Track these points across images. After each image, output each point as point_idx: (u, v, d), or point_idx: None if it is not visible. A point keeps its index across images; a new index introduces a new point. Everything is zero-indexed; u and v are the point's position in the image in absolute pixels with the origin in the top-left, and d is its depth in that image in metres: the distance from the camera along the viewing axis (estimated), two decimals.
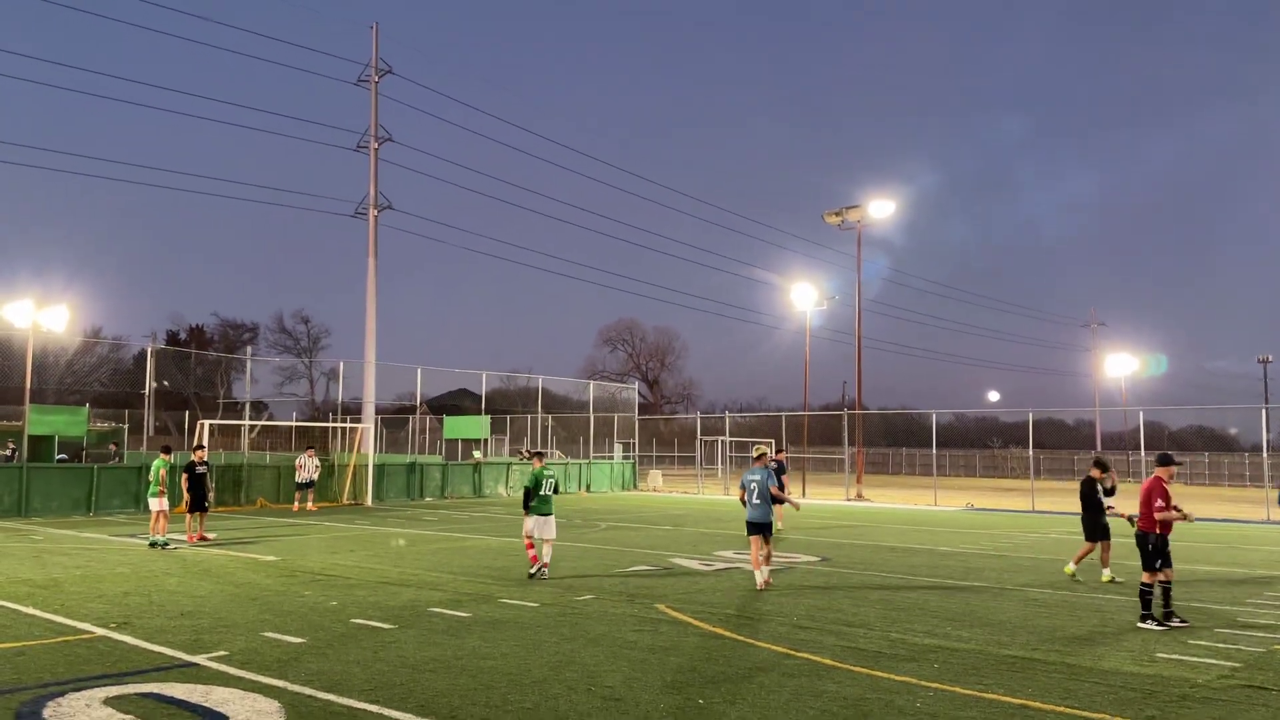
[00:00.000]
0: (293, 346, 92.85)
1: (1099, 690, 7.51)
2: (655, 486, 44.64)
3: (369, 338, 35.43)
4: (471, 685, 7.38)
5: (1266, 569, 15.83)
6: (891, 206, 44.06)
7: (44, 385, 42.63)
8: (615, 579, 13.48)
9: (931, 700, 7.17)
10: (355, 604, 11.11)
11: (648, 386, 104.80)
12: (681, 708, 6.83)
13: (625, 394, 50.69)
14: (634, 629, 9.77)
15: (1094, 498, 14.08)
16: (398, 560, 15.44)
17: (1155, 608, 10.39)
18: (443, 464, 36.10)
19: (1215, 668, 8.34)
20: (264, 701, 6.86)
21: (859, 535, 21.54)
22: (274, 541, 18.23)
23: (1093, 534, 14.05)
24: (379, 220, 36.00)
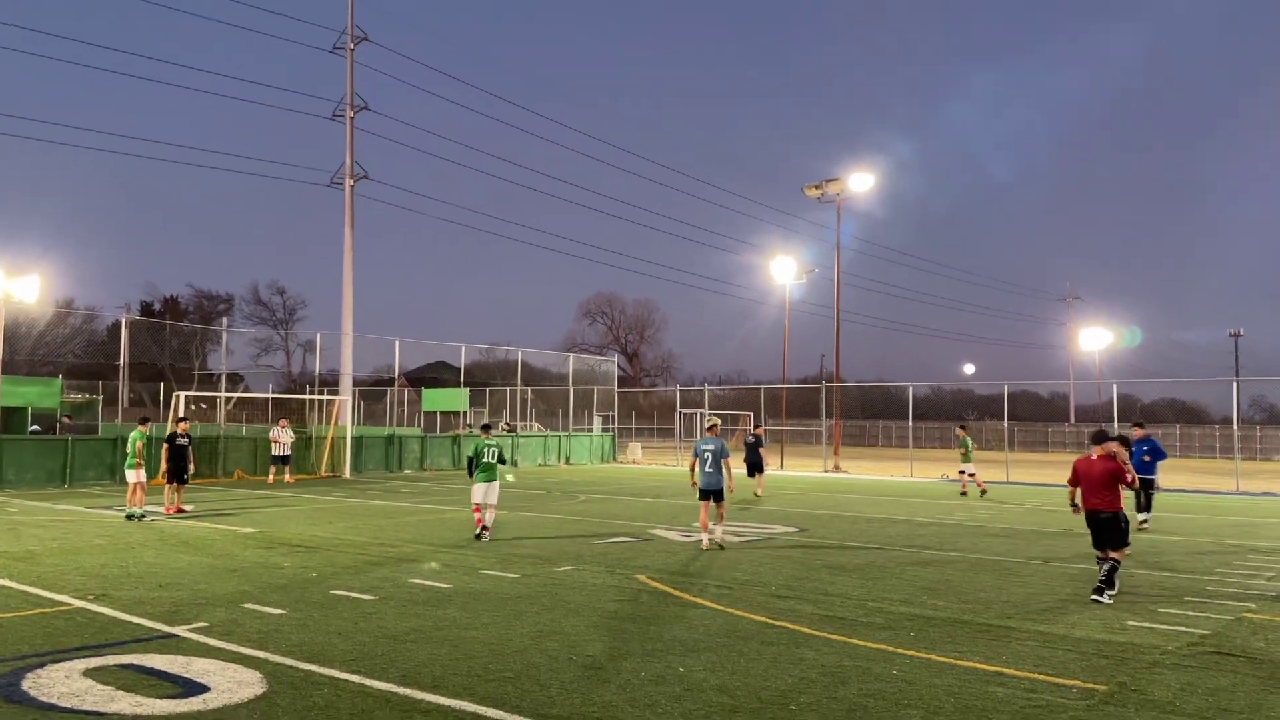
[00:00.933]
0: (269, 318, 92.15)
1: (1071, 657, 7.64)
2: (635, 459, 44.77)
3: (346, 309, 35.16)
4: (453, 655, 7.41)
5: (1236, 539, 16.11)
6: (871, 180, 44.11)
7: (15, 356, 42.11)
8: (595, 550, 13.55)
9: (908, 667, 7.28)
10: (335, 575, 11.11)
11: (627, 360, 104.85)
12: (662, 676, 6.90)
13: (605, 367, 50.70)
14: (614, 599, 9.84)
15: None
16: (377, 533, 15.44)
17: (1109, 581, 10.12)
18: (421, 436, 36.06)
19: (1185, 635, 8.50)
20: (245, 672, 6.87)
21: (836, 506, 21.72)
22: (252, 513, 18.17)
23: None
24: (356, 190, 35.63)
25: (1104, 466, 10.26)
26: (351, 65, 35.80)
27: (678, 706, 6.18)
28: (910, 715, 6.09)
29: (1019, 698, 6.49)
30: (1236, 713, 6.21)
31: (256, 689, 6.46)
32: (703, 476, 13.94)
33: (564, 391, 45.11)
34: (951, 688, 6.72)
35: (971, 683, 6.86)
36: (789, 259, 47.04)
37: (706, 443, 14.09)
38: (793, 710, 6.15)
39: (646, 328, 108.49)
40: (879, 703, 6.34)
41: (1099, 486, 10.25)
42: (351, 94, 35.73)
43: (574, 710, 6.08)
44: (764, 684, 6.74)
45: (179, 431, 18.42)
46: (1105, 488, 10.23)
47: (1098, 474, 10.27)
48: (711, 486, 13.90)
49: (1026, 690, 6.67)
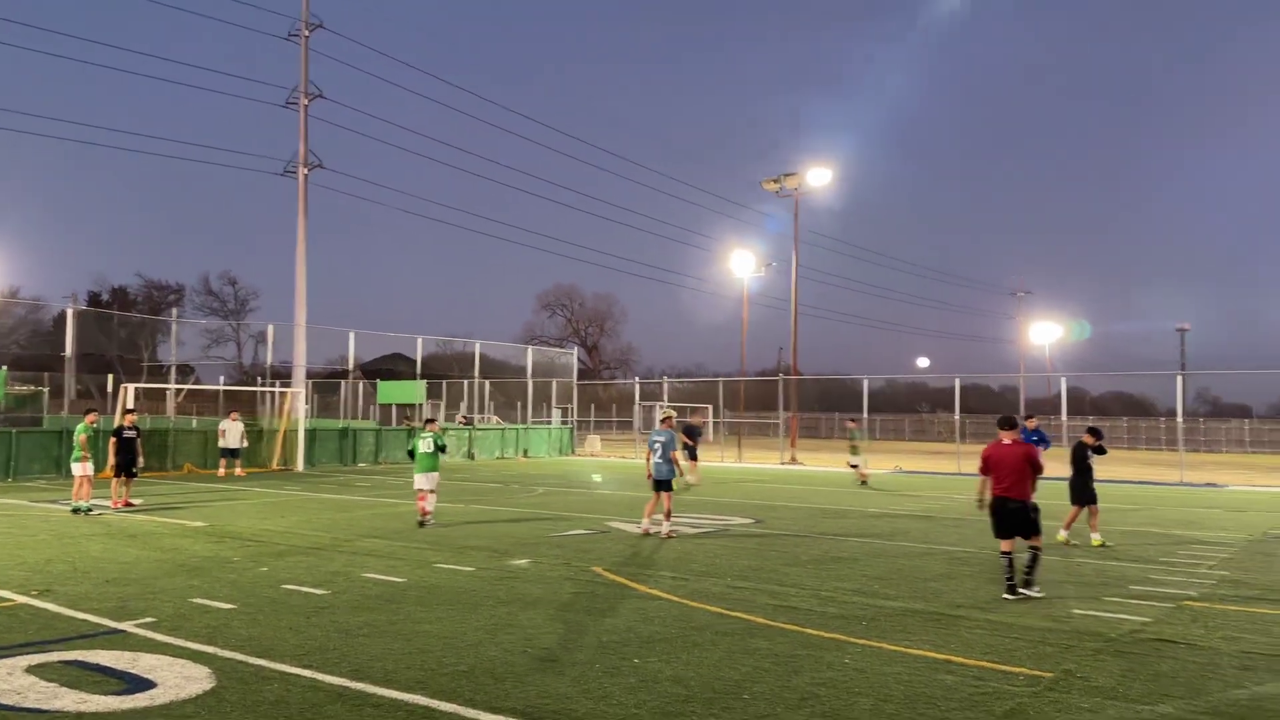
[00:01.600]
0: (220, 308, 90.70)
1: (1019, 645, 7.79)
2: (594, 451, 44.74)
3: (299, 300, 34.69)
4: (406, 649, 7.37)
5: (1180, 529, 16.51)
6: (829, 175, 44.40)
7: None
8: (552, 543, 13.53)
9: (859, 656, 7.37)
10: (286, 570, 10.99)
11: (586, 352, 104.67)
12: (617, 667, 6.92)
13: (564, 359, 50.58)
14: (570, 591, 9.84)
15: (1084, 462, 14.33)
16: (329, 526, 15.28)
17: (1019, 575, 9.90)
18: (376, 429, 35.72)
19: (1128, 623, 8.70)
20: (193, 668, 6.77)
21: (792, 498, 21.90)
22: (202, 507, 17.89)
23: (1080, 498, 14.26)
24: (309, 179, 35.15)
25: (1017, 452, 9.83)
26: (306, 52, 35.29)
27: (632, 698, 6.21)
28: (861, 703, 6.17)
29: (967, 685, 6.60)
30: (1176, 698, 6.37)
31: (205, 684, 6.38)
32: (654, 468, 14.38)
33: (522, 384, 44.95)
34: (901, 676, 6.82)
35: (921, 671, 6.96)
36: (748, 253, 47.27)
37: (658, 434, 14.51)
38: (746, 700, 6.20)
39: (606, 320, 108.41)
40: (830, 691, 6.42)
41: (1010, 473, 9.77)
42: (306, 81, 35.23)
43: (528, 703, 6.07)
44: (718, 674, 6.79)
45: (127, 424, 18.07)
46: (1017, 474, 9.76)
47: (1010, 461, 9.79)
48: (660, 477, 14.31)
49: (974, 678, 6.79)
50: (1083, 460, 14.35)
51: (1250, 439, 64.73)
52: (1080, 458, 14.40)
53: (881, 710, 6.04)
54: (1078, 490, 14.29)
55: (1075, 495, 14.31)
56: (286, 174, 35.41)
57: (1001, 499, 9.83)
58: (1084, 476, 14.28)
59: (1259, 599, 9.96)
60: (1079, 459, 14.39)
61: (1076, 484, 14.32)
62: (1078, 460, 14.40)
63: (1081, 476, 14.29)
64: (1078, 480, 14.32)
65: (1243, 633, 8.33)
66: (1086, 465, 14.31)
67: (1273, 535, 15.69)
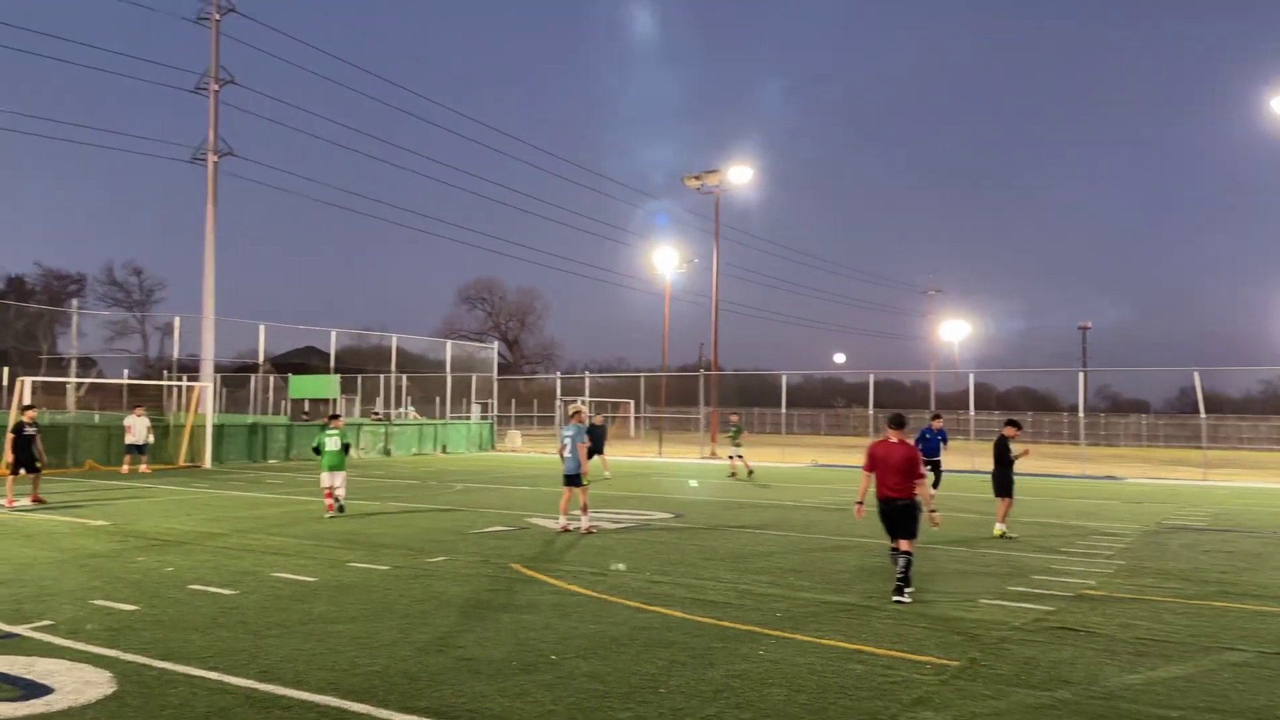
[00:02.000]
0: (124, 299, 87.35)
1: (927, 634, 8.00)
2: (514, 447, 44.46)
3: (207, 291, 33.69)
4: (317, 650, 7.23)
5: (1079, 520, 17.16)
6: (750, 173, 44.90)
7: None
8: (470, 540, 13.41)
9: (773, 647, 7.48)
10: (193, 569, 10.67)
11: (507, 346, 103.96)
12: (534, 664, 6.89)
13: (484, 354, 50.12)
14: (488, 589, 9.77)
15: (1006, 455, 14.58)
16: (238, 525, 14.89)
17: None
18: (288, 424, 34.89)
19: (1031, 611, 9.01)
20: (93, 672, 6.53)
21: (711, 492, 22.11)
22: (104, 505, 17.25)
23: (1002, 489, 14.57)
24: (220, 167, 34.14)
25: (903, 452, 9.58)
26: (217, 36, 34.25)
27: (549, 694, 6.20)
28: (774, 694, 6.27)
29: (877, 674, 6.76)
30: (1075, 684, 6.62)
31: (105, 689, 6.16)
32: (564, 462, 14.40)
33: (441, 378, 44.40)
34: (814, 666, 6.95)
35: (833, 661, 7.10)
36: (670, 249, 47.51)
37: (567, 429, 14.49)
38: (662, 694, 6.25)
39: (528, 314, 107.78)
40: (745, 683, 6.50)
41: (896, 472, 9.49)
42: (216, 66, 34.20)
43: (443, 702, 6.01)
44: (635, 669, 6.82)
45: (25, 420, 17.32)
46: (903, 474, 9.49)
47: (896, 460, 9.52)
48: (568, 472, 14.33)
49: (884, 667, 6.96)
50: (1004, 453, 14.61)
51: (1147, 433, 67.60)
52: (1002, 450, 14.64)
53: (794, 700, 6.15)
54: (1000, 482, 14.60)
55: (998, 487, 14.63)
56: (195, 161, 34.36)
57: (889, 499, 9.59)
58: (1005, 469, 14.56)
59: (1153, 587, 10.42)
60: (1001, 452, 14.63)
61: (998, 476, 14.61)
62: (1000, 453, 14.64)
63: (1003, 469, 14.57)
64: (999, 472, 14.59)
65: (1137, 620, 8.70)
66: (1008, 458, 14.58)
67: (1167, 526, 16.42)
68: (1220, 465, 36.61)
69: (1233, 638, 8.04)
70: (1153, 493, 24.06)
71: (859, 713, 5.92)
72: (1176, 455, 50.21)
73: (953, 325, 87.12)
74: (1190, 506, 20.18)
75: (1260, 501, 22.06)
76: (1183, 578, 11.02)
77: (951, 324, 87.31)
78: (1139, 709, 6.07)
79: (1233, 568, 11.81)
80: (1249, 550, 13.42)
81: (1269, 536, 15.10)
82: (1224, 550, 13.37)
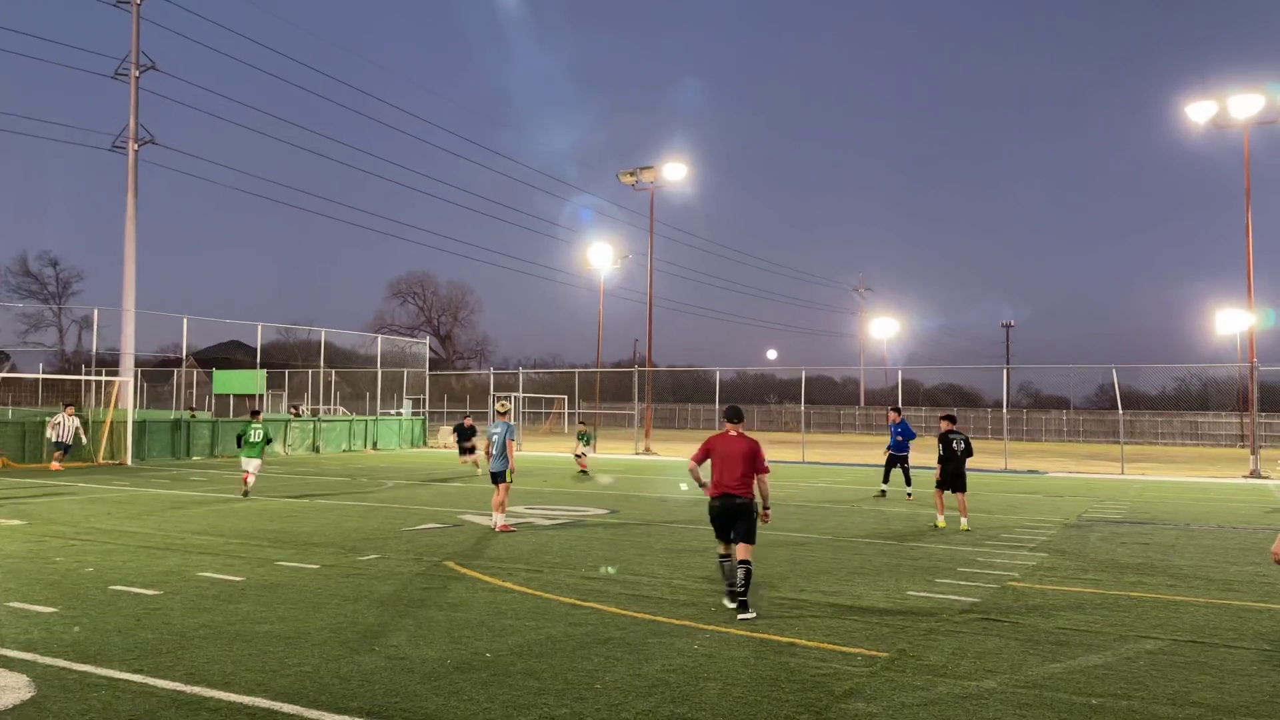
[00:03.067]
0: (39, 291, 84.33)
1: (858, 626, 8.15)
2: (446, 443, 44.00)
3: (128, 283, 32.68)
4: (245, 651, 7.07)
5: (1003, 514, 17.61)
6: (684, 169, 45.04)
7: None
8: (402, 538, 13.25)
9: (708, 641, 7.55)
10: (114, 570, 10.35)
11: (440, 341, 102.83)
12: (468, 663, 6.84)
13: (415, 349, 49.51)
14: (421, 587, 9.66)
15: (952, 449, 14.81)
16: (161, 524, 14.50)
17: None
18: (212, 421, 34.05)
19: (957, 603, 9.22)
20: (9, 676, 6.30)
21: (646, 488, 22.18)
22: (19, 504, 16.64)
23: (954, 484, 14.78)
24: (140, 156, 33.12)
25: (744, 445, 8.92)
26: (138, 21, 33.22)
27: (484, 692, 6.16)
28: (709, 688, 6.32)
29: (809, 666, 6.86)
30: (1000, 673, 6.80)
31: (22, 694, 5.95)
32: (490, 460, 14.34)
33: (371, 374, 43.75)
34: (748, 659, 7.02)
35: (766, 654, 7.19)
36: (605, 245, 47.48)
37: (495, 427, 14.42)
38: (598, 689, 6.25)
39: (460, 309, 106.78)
40: (680, 677, 6.55)
41: (736, 467, 8.84)
42: (137, 51, 33.17)
43: (375, 702, 5.94)
44: (570, 665, 6.82)
45: None
46: (743, 469, 8.84)
47: (736, 453, 8.88)
48: (493, 469, 14.27)
49: (816, 659, 7.06)
50: (950, 447, 14.81)
51: (1068, 429, 69.68)
52: (948, 445, 14.86)
53: (728, 694, 6.21)
54: (949, 477, 14.82)
55: (949, 482, 14.83)
56: (115, 149, 33.31)
57: (729, 495, 8.84)
58: (953, 463, 14.77)
59: (1073, 578, 10.75)
60: (947, 446, 14.85)
61: (947, 471, 14.81)
62: (947, 448, 14.84)
63: (951, 463, 14.77)
64: (948, 467, 14.79)
65: (1059, 610, 8.97)
66: (954, 452, 14.78)
67: (1086, 519, 16.95)
68: (1137, 459, 37.93)
69: (1148, 627, 8.34)
70: (1073, 487, 24.82)
71: (792, 704, 6.00)
72: (1096, 450, 51.88)
73: (882, 323, 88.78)
74: (1109, 500, 20.87)
75: (1174, 494, 22.91)
76: (1101, 569, 11.39)
77: (881, 321, 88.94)
78: (1062, 697, 6.26)
79: (1148, 559, 12.24)
80: (1164, 542, 13.93)
81: (1182, 528, 15.69)
82: (1140, 542, 13.86)
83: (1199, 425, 65.24)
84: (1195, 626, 8.36)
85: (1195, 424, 65.44)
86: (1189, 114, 31.72)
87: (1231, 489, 25.14)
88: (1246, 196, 30.04)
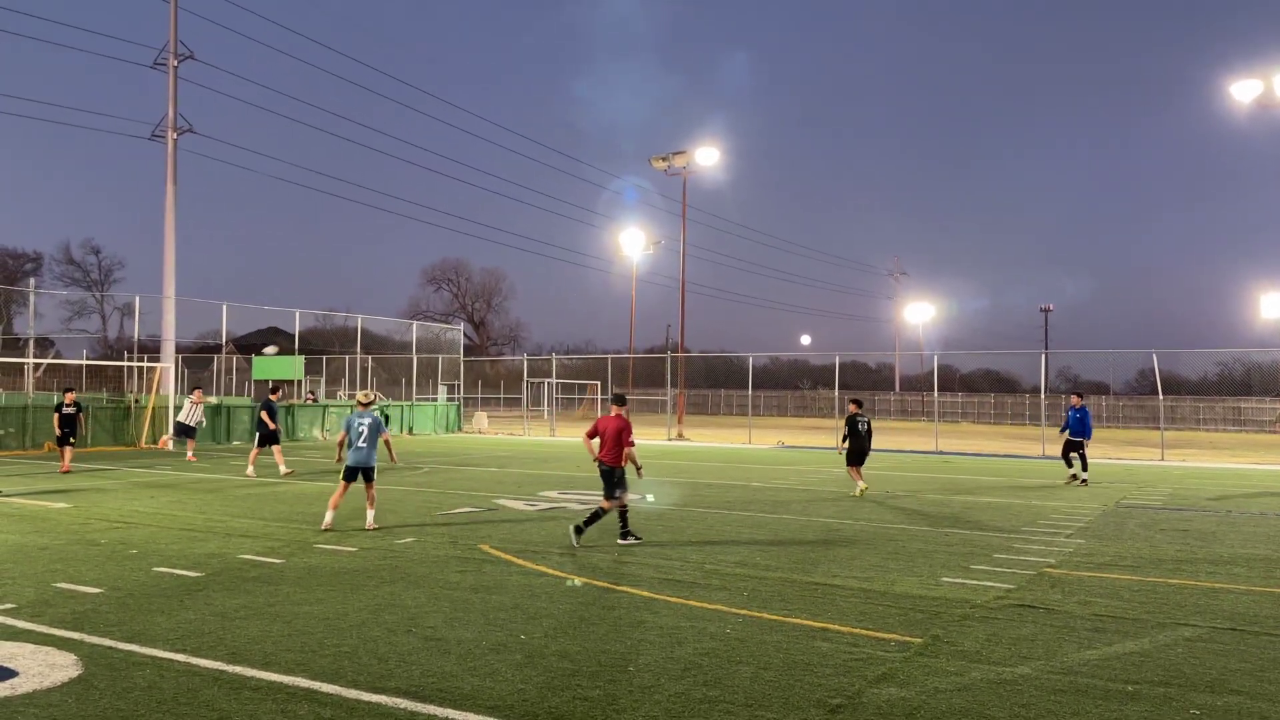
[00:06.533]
0: (82, 279, 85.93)
1: (891, 612, 8.14)
2: (481, 428, 44.34)
3: (168, 270, 33.18)
4: (285, 631, 7.21)
5: (1040, 499, 17.45)
6: (716, 154, 44.87)
7: None
8: (438, 521, 13.40)
9: (740, 626, 7.58)
10: (158, 552, 10.58)
11: (474, 328, 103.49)
12: (503, 644, 6.93)
13: (450, 335, 49.83)
14: (457, 570, 9.78)
15: (858, 428, 17.67)
16: (203, 507, 14.77)
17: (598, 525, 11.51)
18: (251, 406, 34.54)
19: (992, 590, 9.17)
20: (58, 655, 6.48)
21: (679, 473, 22.21)
22: (65, 488, 17.01)
23: (852, 458, 17.69)
24: (180, 145, 33.57)
25: (617, 425, 11.63)
26: (175, 10, 33.61)
27: (518, 674, 6.24)
28: (741, 671, 6.35)
29: (842, 651, 6.87)
30: (1035, 660, 6.77)
31: (71, 671, 6.11)
32: (353, 452, 12.46)
33: (407, 360, 44.12)
34: (780, 644, 7.04)
35: (799, 639, 7.21)
36: (637, 230, 47.45)
37: (361, 417, 12.48)
38: (630, 672, 6.31)
39: (494, 296, 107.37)
40: (712, 660, 6.58)
41: (610, 443, 11.56)
42: (175, 41, 33.57)
43: (411, 682, 6.03)
44: (604, 647, 6.88)
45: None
46: (614, 444, 11.55)
47: (611, 432, 11.57)
48: (361, 463, 12.45)
49: (849, 644, 7.07)
50: (855, 428, 17.68)
51: (1107, 415, 68.72)
52: (854, 426, 17.69)
53: (760, 677, 6.23)
54: (856, 454, 17.61)
55: (854, 458, 17.62)
56: (155, 138, 33.77)
57: (602, 463, 11.65)
58: (858, 441, 17.60)
59: (1111, 565, 10.64)
60: (853, 427, 17.68)
61: (854, 448, 17.57)
62: (853, 428, 17.65)
63: (856, 441, 17.59)
64: (854, 444, 17.56)
65: (1095, 597, 8.89)
66: (859, 432, 17.65)
67: (1125, 505, 16.75)
68: (1177, 445, 37.36)
69: (1186, 614, 8.24)
70: (1112, 473, 24.50)
71: (825, 689, 6.02)
72: (1135, 436, 51.17)
73: (918, 308, 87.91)
74: (1148, 486, 20.59)
75: (1215, 481, 22.56)
76: (1139, 556, 11.26)
77: (916, 306, 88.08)
78: (1096, 683, 6.22)
79: (1187, 546, 12.09)
80: (1203, 529, 13.74)
81: (1223, 515, 15.46)
82: (1179, 529, 13.68)
83: (1241, 411, 64.12)
84: (1235, 614, 8.25)
85: (1238, 410, 64.32)
86: (1234, 93, 31.05)
87: (1274, 475, 24.69)
88: None
